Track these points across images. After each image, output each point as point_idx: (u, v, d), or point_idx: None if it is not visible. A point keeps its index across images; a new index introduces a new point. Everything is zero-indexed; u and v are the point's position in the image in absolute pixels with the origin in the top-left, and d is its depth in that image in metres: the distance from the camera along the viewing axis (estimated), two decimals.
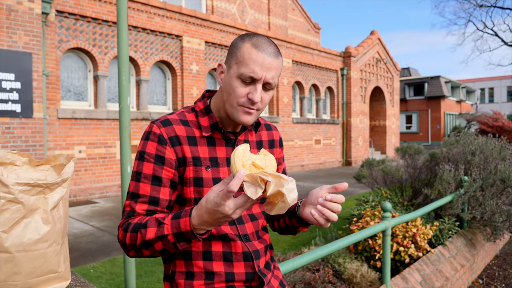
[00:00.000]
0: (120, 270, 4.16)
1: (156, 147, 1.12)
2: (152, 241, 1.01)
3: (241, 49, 1.11)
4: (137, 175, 1.12)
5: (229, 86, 1.12)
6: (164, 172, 1.11)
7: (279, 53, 1.14)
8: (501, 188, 4.26)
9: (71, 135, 7.82)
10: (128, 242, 1.06)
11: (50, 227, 0.89)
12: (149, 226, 1.02)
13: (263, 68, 1.08)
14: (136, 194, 1.11)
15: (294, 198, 0.87)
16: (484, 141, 4.81)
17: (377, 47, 17.19)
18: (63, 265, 0.95)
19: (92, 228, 5.75)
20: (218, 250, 1.14)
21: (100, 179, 8.28)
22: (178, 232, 0.98)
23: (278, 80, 1.16)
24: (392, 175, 5.39)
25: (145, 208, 1.10)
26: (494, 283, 4.24)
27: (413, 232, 3.69)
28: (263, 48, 1.09)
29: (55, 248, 0.91)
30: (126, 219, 1.10)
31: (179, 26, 9.70)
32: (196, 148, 1.15)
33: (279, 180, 0.86)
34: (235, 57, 1.12)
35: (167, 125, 1.15)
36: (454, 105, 32.55)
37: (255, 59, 1.08)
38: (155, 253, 1.04)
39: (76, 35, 7.91)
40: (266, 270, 1.20)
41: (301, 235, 5.40)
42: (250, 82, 1.10)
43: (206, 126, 1.18)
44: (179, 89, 9.82)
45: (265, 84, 1.11)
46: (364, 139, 16.67)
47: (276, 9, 15.56)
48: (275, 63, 1.11)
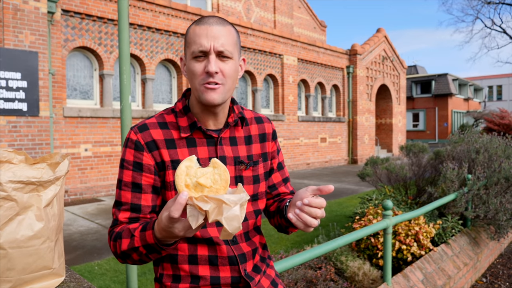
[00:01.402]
0: (124, 267, 4.20)
1: (133, 154, 1.11)
2: (128, 251, 1.03)
3: (188, 33, 1.12)
4: (119, 183, 1.13)
5: (189, 70, 1.11)
6: (143, 179, 1.11)
7: (226, 22, 1.12)
8: (505, 186, 4.23)
9: (77, 133, 7.89)
10: (113, 250, 1.09)
11: (44, 224, 0.91)
12: (123, 237, 1.04)
13: (209, 38, 1.06)
14: (119, 202, 1.12)
15: (237, 227, 0.78)
16: (489, 139, 4.78)
17: (383, 44, 17.09)
18: (57, 261, 0.97)
19: (98, 225, 5.80)
20: (203, 254, 1.14)
21: (106, 177, 8.34)
22: (146, 245, 0.98)
23: (235, 50, 1.11)
24: (396, 174, 5.36)
25: (128, 216, 1.11)
26: (498, 281, 4.21)
27: (415, 231, 3.68)
28: (205, 20, 1.09)
29: (49, 245, 0.93)
30: (112, 228, 1.12)
31: (184, 25, 9.73)
32: (175, 150, 1.13)
33: (221, 206, 0.78)
34: (186, 42, 1.12)
35: (143, 131, 1.13)
36: (461, 103, 32.27)
37: (199, 33, 1.07)
38: (136, 262, 1.05)
39: (82, 34, 7.97)
40: (254, 273, 1.18)
41: (304, 233, 5.40)
42: (204, 57, 1.08)
43: (185, 127, 1.15)
44: (185, 88, 9.85)
45: (219, 53, 1.07)
46: (370, 137, 16.60)
47: (282, 7, 15.52)
48: (222, 30, 1.08)
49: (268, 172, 1.30)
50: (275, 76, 12.71)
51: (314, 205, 0.98)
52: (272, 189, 1.32)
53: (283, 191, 1.34)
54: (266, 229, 5.21)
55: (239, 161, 1.19)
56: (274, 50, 12.46)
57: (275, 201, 1.32)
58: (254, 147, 1.24)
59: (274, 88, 12.97)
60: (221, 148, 1.17)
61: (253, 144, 1.24)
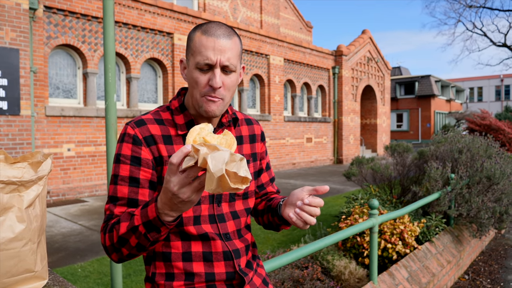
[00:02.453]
0: (109, 269, 4.13)
1: (131, 148, 1.11)
2: (126, 235, 0.99)
3: (193, 39, 1.11)
4: (115, 178, 1.11)
5: (192, 79, 1.11)
6: (141, 173, 1.10)
7: (233, 33, 1.12)
8: (487, 185, 4.31)
9: (60, 133, 7.74)
10: (108, 244, 1.05)
11: (26, 225, 0.88)
12: (122, 221, 1.01)
13: (216, 52, 1.06)
14: (115, 197, 1.10)
15: (220, 168, 0.74)
16: (471, 139, 4.86)
17: (368, 46, 17.27)
18: (40, 264, 0.94)
19: (81, 227, 5.70)
20: (197, 251, 1.13)
21: (90, 178, 8.21)
22: (147, 221, 0.95)
23: (238, 61, 1.13)
24: (381, 173, 5.42)
25: (124, 211, 1.09)
26: (480, 278, 4.29)
27: (400, 229, 3.73)
28: (212, 32, 1.08)
29: (31, 247, 0.90)
30: (106, 222, 1.10)
31: (170, 23, 9.64)
32: (172, 147, 1.14)
33: (213, 150, 0.78)
34: (190, 49, 1.11)
35: (141, 125, 1.13)
36: (444, 104, 32.86)
37: (206, 45, 1.07)
38: (132, 250, 1.01)
39: (65, 32, 7.82)
40: (248, 269, 1.19)
41: (290, 233, 5.42)
42: (208, 69, 1.08)
43: (182, 124, 1.16)
44: (170, 87, 9.77)
45: (223, 67, 1.09)
46: (355, 138, 16.76)
47: (268, 7, 15.54)
48: (228, 44, 1.08)
49: (257, 172, 1.35)
50: (261, 76, 12.71)
51: (314, 205, 1.03)
52: (260, 188, 1.37)
53: (270, 190, 1.40)
54: (253, 229, 5.20)
55: None
56: (260, 50, 12.46)
57: (263, 200, 1.37)
58: (245, 147, 1.28)
59: (260, 88, 12.97)
60: None
61: (244, 145, 1.28)
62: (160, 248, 1.15)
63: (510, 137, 8.54)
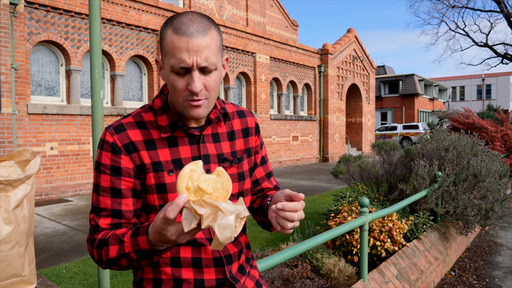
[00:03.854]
0: (94, 270, 4.05)
1: (110, 158, 1.04)
2: (116, 258, 0.97)
3: (165, 38, 0.99)
4: (96, 188, 1.05)
5: (169, 82, 1.01)
6: (122, 183, 1.04)
7: (208, 25, 0.98)
8: (473, 183, 4.37)
9: (42, 131, 7.56)
10: (96, 258, 1.02)
11: (13, 227, 0.83)
12: (111, 244, 0.97)
13: (191, 53, 0.94)
14: (98, 208, 1.05)
15: (229, 237, 0.75)
16: (457, 138, 4.93)
17: (353, 45, 17.39)
18: (28, 268, 0.89)
19: (65, 227, 5.58)
20: (187, 256, 1.08)
21: (73, 177, 8.05)
22: (138, 250, 0.93)
23: (219, 57, 1.02)
24: (368, 171, 5.45)
25: (109, 222, 1.04)
26: (466, 274, 4.35)
27: (389, 227, 3.74)
28: (184, 29, 0.95)
29: (19, 250, 0.85)
30: (91, 234, 1.05)
31: (155, 20, 9.52)
32: (156, 152, 1.06)
33: (216, 213, 0.76)
34: (163, 49, 1.00)
35: (120, 131, 1.05)
36: (427, 103, 33.38)
37: (178, 46, 0.94)
38: (123, 268, 1.00)
39: (47, 28, 7.63)
40: (240, 275, 1.15)
41: (276, 232, 5.40)
42: (185, 73, 0.97)
43: (165, 126, 1.08)
44: (156, 85, 9.65)
45: (202, 68, 0.97)
46: (341, 136, 16.87)
47: (254, 5, 15.50)
48: (204, 41, 0.95)
49: (252, 167, 1.26)
50: (247, 74, 12.67)
51: (288, 210, 0.95)
52: (255, 184, 1.28)
53: (267, 186, 1.31)
54: None
55: (223, 158, 1.14)
56: (246, 48, 12.41)
57: (258, 197, 1.28)
58: (238, 142, 1.19)
59: (246, 86, 12.93)
60: (204, 146, 1.11)
61: (237, 140, 1.19)
62: None
63: (493, 136, 8.71)
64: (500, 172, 4.91)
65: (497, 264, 4.64)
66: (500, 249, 5.20)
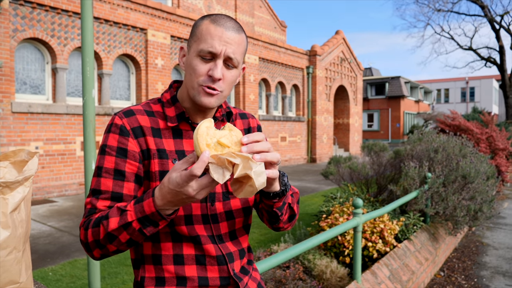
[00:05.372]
0: (82, 272, 3.96)
1: (118, 139, 1.04)
2: (116, 231, 0.93)
3: (199, 26, 1.05)
4: (99, 170, 1.04)
5: (190, 66, 1.05)
6: (127, 166, 1.03)
7: (241, 29, 1.07)
8: (462, 184, 4.42)
9: (27, 130, 7.39)
10: (90, 239, 0.97)
11: (10, 232, 0.78)
12: (111, 216, 0.94)
13: (222, 42, 1.01)
14: (98, 190, 1.02)
15: (263, 182, 0.81)
16: (446, 139, 4.98)
17: (341, 46, 17.50)
18: (25, 274, 0.84)
19: (51, 228, 5.46)
20: (190, 253, 1.06)
21: (59, 177, 7.89)
22: (143, 216, 0.91)
23: (242, 59, 1.08)
24: (358, 172, 5.47)
25: (107, 205, 1.01)
26: (455, 274, 4.40)
27: (380, 228, 3.76)
28: (222, 22, 1.03)
29: (16, 256, 0.80)
30: (87, 217, 1.02)
31: (144, 19, 9.41)
32: (161, 140, 1.07)
33: (247, 162, 0.81)
34: (194, 35, 1.06)
35: (129, 116, 1.07)
36: (412, 105, 33.81)
37: (213, 33, 1.01)
38: (121, 246, 0.96)
39: (33, 25, 7.47)
40: (242, 275, 1.13)
41: (268, 232, 5.38)
42: (211, 59, 1.03)
43: (172, 117, 1.10)
44: (144, 84, 9.54)
45: (227, 60, 1.03)
46: (329, 137, 16.96)
47: (243, 5, 15.47)
48: (236, 38, 1.04)
49: None
50: None
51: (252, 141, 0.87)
52: None
53: None
54: None
55: None
56: None
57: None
58: None
59: (235, 86, 12.89)
60: None
61: None
62: (149, 250, 1.07)
63: (478, 137, 8.85)
64: (488, 173, 4.99)
65: (485, 264, 4.70)
66: (487, 249, 5.28)
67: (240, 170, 0.80)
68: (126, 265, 4.14)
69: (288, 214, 1.17)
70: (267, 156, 0.88)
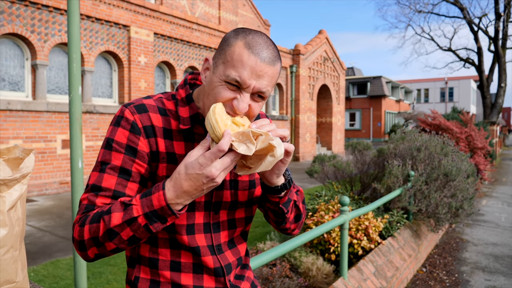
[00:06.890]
0: (65, 272, 3.89)
1: (128, 136, 0.97)
2: (118, 227, 0.87)
3: (231, 46, 0.93)
4: (102, 165, 0.96)
5: (212, 87, 0.95)
6: (135, 166, 0.96)
7: (278, 58, 0.95)
8: (444, 182, 4.52)
9: (6, 128, 7.20)
10: (87, 237, 0.90)
11: (8, 230, 0.76)
12: (114, 211, 0.88)
13: (253, 75, 0.90)
14: (98, 186, 0.95)
15: (282, 153, 0.86)
16: (428, 138, 5.08)
17: (325, 46, 17.64)
18: (21, 273, 0.83)
19: (31, 228, 5.34)
20: (187, 261, 1.03)
21: (39, 176, 7.71)
22: (151, 211, 0.86)
23: (273, 88, 0.98)
24: (343, 170, 5.53)
25: (107, 202, 0.94)
26: (436, 270, 4.50)
27: (365, 225, 3.81)
28: (257, 50, 0.91)
29: (13, 255, 0.78)
30: (83, 214, 0.94)
31: (126, 16, 9.27)
32: (171, 143, 1.00)
33: (268, 135, 0.85)
34: (224, 55, 0.94)
35: (142, 112, 0.99)
36: (393, 104, 34.37)
37: (245, 62, 0.90)
38: (121, 244, 0.90)
39: (12, 20, 7.27)
40: (238, 281, 1.12)
41: (253, 230, 5.39)
42: (236, 88, 0.92)
43: (186, 118, 1.02)
44: (126, 82, 9.41)
45: (256, 93, 0.94)
46: (312, 136, 17.08)
47: (227, 3, 15.41)
48: (270, 70, 0.93)
49: None
50: None
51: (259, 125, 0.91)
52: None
53: None
54: None
55: None
56: None
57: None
58: None
59: None
60: None
61: None
62: (146, 253, 1.04)
63: (458, 136, 9.07)
64: (468, 171, 5.12)
65: (465, 260, 4.83)
66: (466, 246, 5.42)
67: (263, 140, 0.84)
68: (110, 265, 4.09)
69: (294, 213, 1.13)
70: (278, 131, 0.93)
